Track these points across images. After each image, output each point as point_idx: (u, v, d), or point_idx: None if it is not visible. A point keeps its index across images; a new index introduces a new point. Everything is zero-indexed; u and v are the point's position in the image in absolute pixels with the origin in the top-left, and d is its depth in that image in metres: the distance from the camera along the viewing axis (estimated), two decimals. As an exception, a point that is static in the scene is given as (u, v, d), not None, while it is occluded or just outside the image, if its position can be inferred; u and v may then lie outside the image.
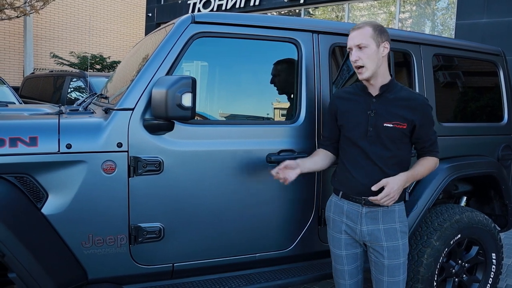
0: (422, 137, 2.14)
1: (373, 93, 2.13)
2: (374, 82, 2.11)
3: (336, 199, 2.24)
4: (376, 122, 2.09)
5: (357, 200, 2.14)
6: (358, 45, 2.04)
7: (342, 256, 2.22)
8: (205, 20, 2.33)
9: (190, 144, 2.25)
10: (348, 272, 2.23)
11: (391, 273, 2.12)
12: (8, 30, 15.26)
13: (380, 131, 2.08)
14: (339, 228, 2.22)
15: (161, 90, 2.03)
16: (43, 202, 2.04)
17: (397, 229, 2.13)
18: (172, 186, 2.22)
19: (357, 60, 2.05)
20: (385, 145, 2.08)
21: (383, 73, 2.11)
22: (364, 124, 2.11)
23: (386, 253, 2.11)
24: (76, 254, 2.10)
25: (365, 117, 2.12)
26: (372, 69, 2.06)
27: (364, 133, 2.11)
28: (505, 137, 3.40)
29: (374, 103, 2.12)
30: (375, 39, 2.05)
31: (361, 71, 2.07)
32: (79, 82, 7.32)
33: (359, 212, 2.14)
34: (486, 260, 3.01)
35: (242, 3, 13.35)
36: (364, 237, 2.15)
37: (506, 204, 3.30)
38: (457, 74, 3.30)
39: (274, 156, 2.40)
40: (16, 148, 1.96)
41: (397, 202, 2.13)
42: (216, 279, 2.41)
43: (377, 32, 2.06)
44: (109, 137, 2.10)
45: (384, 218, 2.12)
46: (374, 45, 2.04)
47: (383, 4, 11.52)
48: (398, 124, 2.07)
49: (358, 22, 2.15)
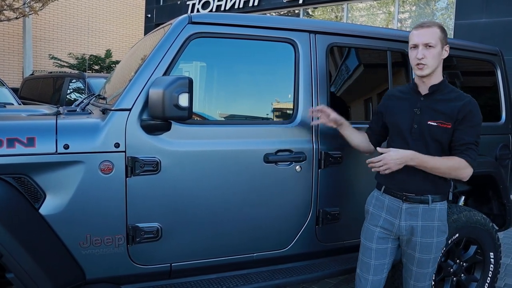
0: (456, 134, 2.08)
1: (423, 92, 2.16)
2: (427, 81, 2.14)
3: (378, 194, 2.28)
4: (421, 120, 2.12)
5: (398, 196, 2.18)
6: (427, 44, 2.06)
7: (372, 249, 2.24)
8: (202, 21, 2.33)
9: (187, 144, 2.26)
10: (373, 267, 2.24)
11: (420, 265, 2.18)
12: (7, 32, 15.27)
13: (424, 129, 2.11)
14: (376, 221, 2.25)
15: (158, 90, 2.03)
16: (41, 202, 2.05)
17: (435, 227, 2.15)
18: (170, 186, 2.23)
19: (423, 58, 2.06)
20: (427, 143, 2.10)
21: (437, 74, 2.14)
22: (409, 121, 2.15)
23: (418, 247, 2.16)
24: (74, 254, 2.10)
25: (411, 114, 2.15)
26: (432, 69, 2.09)
27: (409, 130, 2.14)
28: (503, 136, 3.41)
29: (422, 102, 2.15)
30: (442, 40, 2.09)
31: (422, 68, 2.08)
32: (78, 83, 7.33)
33: (400, 207, 2.17)
34: (484, 260, 3.01)
35: (241, 4, 13.37)
36: (401, 232, 2.18)
37: (504, 204, 3.31)
38: (455, 73, 3.30)
39: (271, 156, 2.40)
40: (13, 148, 1.97)
41: (439, 201, 2.15)
42: (214, 279, 2.41)
43: (444, 35, 2.10)
44: (107, 138, 2.11)
45: (423, 215, 2.14)
46: (440, 47, 2.08)
47: (382, 4, 11.53)
48: (442, 123, 2.08)
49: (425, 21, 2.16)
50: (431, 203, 2.13)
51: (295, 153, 2.47)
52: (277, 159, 2.43)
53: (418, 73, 2.11)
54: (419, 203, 2.14)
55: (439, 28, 2.09)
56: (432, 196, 2.13)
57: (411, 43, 2.13)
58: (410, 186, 2.14)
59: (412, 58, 2.12)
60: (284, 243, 2.55)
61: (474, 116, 2.07)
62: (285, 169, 2.47)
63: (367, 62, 2.95)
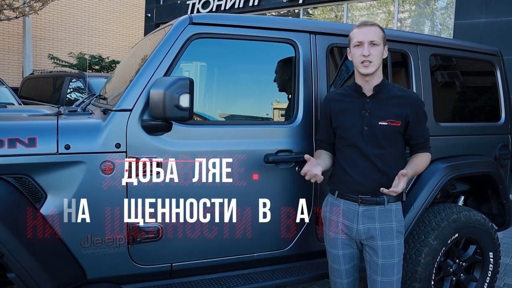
0: (415, 134, 2.18)
1: (367, 93, 2.17)
2: (371, 80, 2.14)
3: (332, 199, 2.26)
4: (371, 121, 2.12)
5: (353, 199, 2.16)
6: (372, 41, 2.08)
7: (339, 255, 2.23)
8: (202, 21, 2.34)
9: (188, 145, 2.26)
10: (345, 271, 2.25)
11: (385, 272, 2.13)
12: (7, 31, 15.25)
13: (375, 130, 2.11)
14: (335, 228, 2.23)
15: (159, 91, 2.04)
16: (42, 202, 2.05)
17: (393, 228, 2.14)
18: (170, 187, 2.23)
19: (369, 55, 2.08)
20: (380, 144, 2.12)
21: (379, 73, 2.17)
22: (359, 124, 2.14)
23: (380, 252, 2.12)
24: (75, 254, 2.11)
25: (360, 117, 2.15)
26: (376, 67, 2.11)
27: (360, 132, 2.13)
28: (502, 136, 3.41)
29: (368, 103, 2.15)
30: (383, 40, 2.14)
31: (367, 65, 2.09)
32: (78, 82, 7.33)
33: (356, 210, 2.15)
34: (483, 259, 3.02)
35: (241, 4, 13.36)
36: (360, 236, 2.16)
37: (503, 203, 3.31)
38: (454, 74, 3.31)
39: (271, 156, 2.41)
40: (14, 149, 1.97)
41: (393, 201, 2.16)
42: (214, 279, 2.42)
43: (384, 35, 2.15)
44: (108, 138, 2.11)
45: (380, 217, 2.13)
46: (382, 46, 2.13)
47: (382, 3, 11.53)
48: (392, 122, 2.11)
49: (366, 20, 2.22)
50: (386, 203, 2.13)
51: (295, 154, 2.48)
52: (277, 160, 2.43)
53: (363, 71, 2.10)
54: (375, 204, 2.13)
55: (380, 29, 2.14)
56: (387, 196, 2.11)
57: (355, 41, 2.12)
58: (365, 188, 2.12)
59: (356, 55, 2.11)
60: (284, 243, 2.56)
61: (422, 110, 2.19)
62: (286, 169, 2.48)
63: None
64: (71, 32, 16.70)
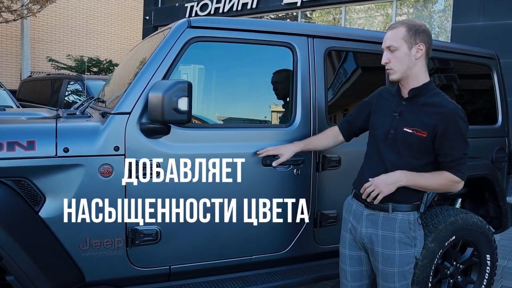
0: (442, 150, 1.95)
1: (404, 96, 2.06)
2: (405, 84, 2.03)
3: (349, 198, 2.25)
4: (398, 125, 2.02)
5: (362, 200, 2.11)
6: (389, 47, 1.98)
7: (346, 255, 2.21)
8: (201, 25, 2.35)
9: (186, 148, 2.27)
10: (350, 273, 2.21)
11: (385, 278, 2.10)
12: (5, 33, 15.24)
13: (398, 136, 2.00)
14: (346, 226, 2.22)
15: (157, 94, 2.05)
16: (41, 205, 2.06)
17: (395, 238, 2.04)
18: (169, 189, 2.24)
19: (386, 62, 2.00)
20: (398, 151, 2.00)
21: (415, 76, 2.00)
22: (388, 126, 2.05)
23: (380, 258, 2.08)
24: (74, 257, 2.11)
25: (390, 118, 2.06)
26: (402, 72, 1.97)
27: (385, 134, 2.05)
28: (499, 139, 3.43)
29: (403, 106, 2.04)
30: (407, 40, 1.94)
31: (390, 73, 2.01)
32: (76, 85, 7.32)
33: (362, 212, 2.12)
34: (480, 262, 3.02)
35: (239, 6, 13.39)
36: (362, 239, 2.12)
37: (500, 206, 3.32)
38: (451, 77, 3.32)
39: (270, 159, 2.42)
40: (13, 152, 1.98)
41: (400, 211, 2.04)
42: (213, 281, 2.42)
43: (411, 33, 1.95)
44: (106, 141, 2.12)
45: (383, 224, 2.05)
46: (406, 47, 1.95)
47: (380, 6, 11.57)
48: (417, 131, 1.95)
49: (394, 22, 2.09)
50: (391, 212, 2.03)
51: (293, 157, 2.48)
52: (275, 162, 2.43)
53: (390, 77, 2.03)
54: (379, 210, 2.04)
55: (405, 27, 1.95)
56: (393, 204, 2.02)
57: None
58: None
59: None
60: (283, 245, 2.57)
61: (457, 125, 1.92)
62: (284, 172, 2.49)
63: (365, 66, 2.96)
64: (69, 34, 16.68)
